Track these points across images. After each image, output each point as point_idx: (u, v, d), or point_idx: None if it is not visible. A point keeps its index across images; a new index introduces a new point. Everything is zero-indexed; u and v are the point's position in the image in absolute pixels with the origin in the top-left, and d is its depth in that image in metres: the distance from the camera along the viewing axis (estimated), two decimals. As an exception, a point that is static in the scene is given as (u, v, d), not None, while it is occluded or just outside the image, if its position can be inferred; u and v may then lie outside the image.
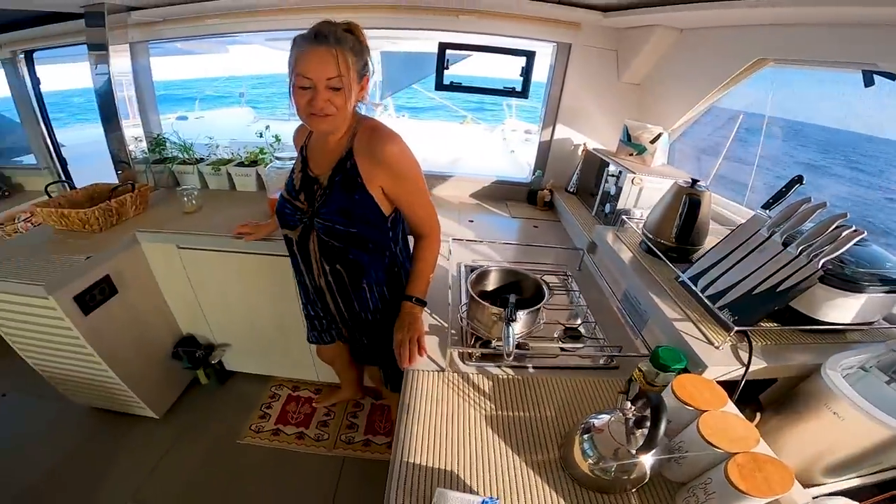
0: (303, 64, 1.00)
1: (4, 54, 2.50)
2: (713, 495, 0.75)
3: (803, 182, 1.13)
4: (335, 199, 1.16)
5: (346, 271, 1.27)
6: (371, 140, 1.13)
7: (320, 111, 1.04)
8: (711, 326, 1.09)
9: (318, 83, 1.01)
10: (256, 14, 2.12)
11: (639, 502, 0.84)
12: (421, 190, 1.23)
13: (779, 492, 0.71)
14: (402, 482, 0.85)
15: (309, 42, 1.00)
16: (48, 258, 1.69)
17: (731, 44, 1.59)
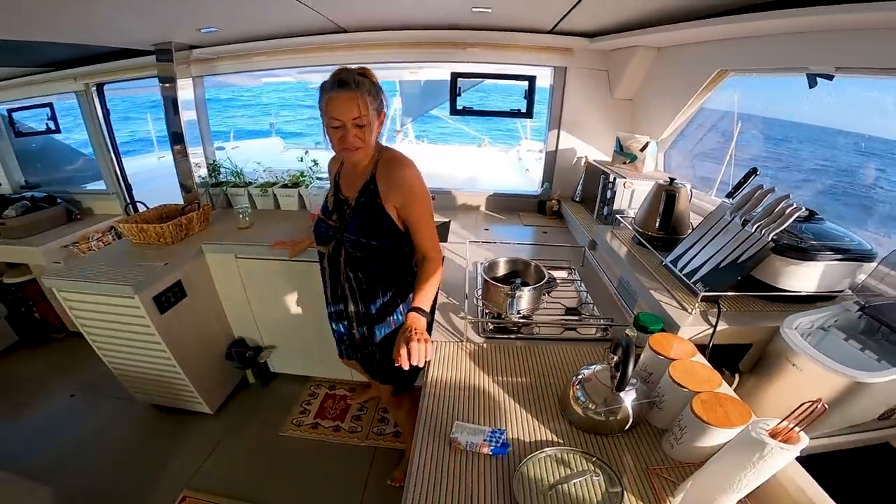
0: (332, 108, 1.20)
1: (79, 87, 2.73)
2: (685, 430, 0.89)
3: (758, 173, 1.31)
4: (359, 217, 1.37)
5: (365, 278, 1.46)
6: (390, 166, 1.34)
7: (351, 146, 1.25)
8: (686, 297, 1.26)
9: (346, 123, 1.21)
10: (295, 52, 2.41)
11: (629, 444, 0.98)
12: (427, 213, 1.36)
13: (738, 424, 0.83)
14: (428, 422, 1.03)
15: (335, 89, 1.19)
16: (131, 265, 1.98)
17: (698, 59, 1.78)
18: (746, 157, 2.06)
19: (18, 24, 1.62)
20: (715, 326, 1.14)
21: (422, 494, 0.86)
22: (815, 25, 1.23)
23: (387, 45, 2.33)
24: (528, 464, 0.91)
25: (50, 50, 2.32)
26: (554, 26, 2.01)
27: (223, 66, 2.55)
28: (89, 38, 2.03)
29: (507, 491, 0.86)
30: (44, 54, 2.46)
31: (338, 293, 1.53)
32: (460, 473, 0.90)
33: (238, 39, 2.28)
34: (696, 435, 0.88)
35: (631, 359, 0.90)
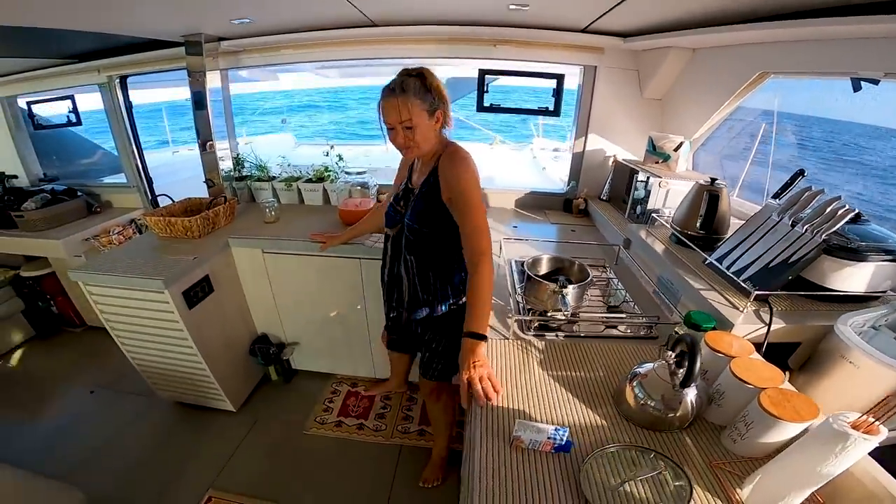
0: (382, 112, 1.31)
1: (102, 79, 2.74)
2: (752, 425, 0.92)
3: (805, 175, 1.33)
4: (417, 205, 1.45)
5: (416, 260, 1.51)
6: (447, 159, 1.38)
7: (402, 145, 1.34)
8: (735, 295, 1.29)
9: (395, 126, 1.30)
10: (322, 45, 2.42)
11: (689, 439, 1.00)
12: (472, 210, 1.33)
13: (807, 418, 0.87)
14: (482, 423, 1.05)
15: (384, 95, 1.30)
16: (159, 259, 1.99)
17: (737, 61, 1.80)
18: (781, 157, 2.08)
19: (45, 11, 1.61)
20: (769, 325, 1.16)
21: (486, 494, 0.87)
22: (865, 32, 1.25)
23: (416, 40, 2.35)
24: (592, 461, 0.93)
25: (74, 41, 2.32)
26: (588, 25, 2.03)
27: (249, 60, 2.56)
28: (118, 27, 2.03)
29: (575, 489, 0.87)
30: (68, 45, 2.45)
31: (394, 272, 1.61)
32: (523, 472, 0.91)
33: (268, 31, 2.29)
34: (763, 430, 0.90)
35: (698, 356, 0.92)
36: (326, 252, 2.11)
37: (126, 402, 2.55)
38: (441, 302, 1.56)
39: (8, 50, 2.34)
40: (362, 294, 2.24)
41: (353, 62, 2.88)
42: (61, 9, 1.61)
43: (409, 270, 1.55)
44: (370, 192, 2.37)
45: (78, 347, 3.07)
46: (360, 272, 2.16)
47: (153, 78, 2.90)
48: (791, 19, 1.36)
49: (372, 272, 2.14)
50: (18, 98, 3.05)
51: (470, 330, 1.23)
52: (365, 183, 2.35)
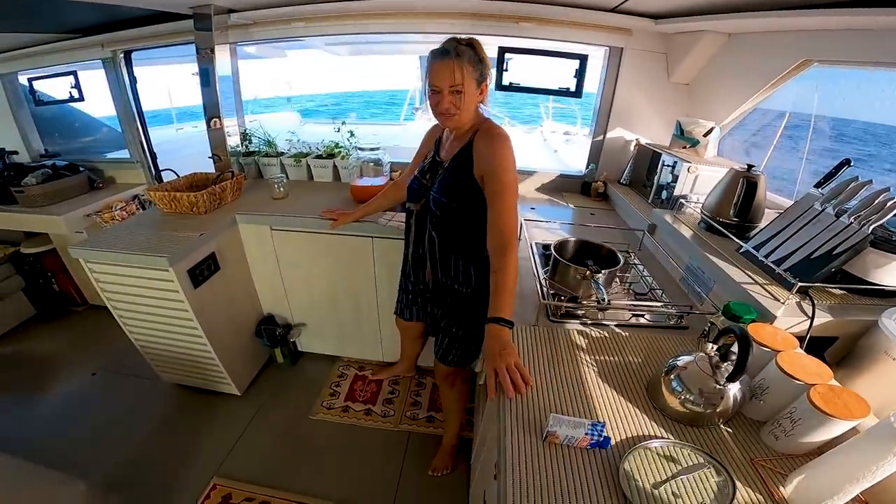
0: (432, 74, 1.28)
1: (105, 54, 2.67)
2: (799, 422, 0.89)
3: (851, 164, 1.28)
4: (446, 179, 1.41)
5: (439, 238, 1.48)
6: (487, 136, 1.36)
7: (446, 112, 1.30)
8: (775, 287, 1.24)
9: (444, 89, 1.27)
10: (340, 18, 2.33)
11: (728, 434, 0.97)
12: (506, 189, 1.31)
13: (858, 416, 0.84)
14: (514, 413, 1.00)
15: (437, 57, 1.27)
16: (163, 236, 1.93)
17: (778, 47, 1.73)
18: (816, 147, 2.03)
19: None
20: (812, 318, 1.12)
21: (521, 491, 0.83)
22: None
23: (436, 14, 2.28)
24: (630, 458, 0.90)
25: (76, 13, 2.24)
26: (618, 5, 1.96)
27: (259, 33, 2.48)
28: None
29: (613, 486, 0.84)
30: (69, 18, 2.38)
31: (418, 252, 1.59)
32: (558, 468, 0.88)
33: (279, 3, 2.21)
34: (811, 427, 0.87)
35: (751, 349, 0.88)
36: (337, 230, 2.07)
37: (128, 384, 2.52)
38: (462, 285, 1.53)
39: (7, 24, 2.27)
40: (374, 274, 2.20)
41: (364, 39, 2.79)
42: None
43: (431, 249, 1.53)
44: (384, 170, 2.31)
45: (79, 327, 3.05)
46: (372, 251, 2.12)
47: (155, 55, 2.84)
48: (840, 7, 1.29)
49: (384, 251, 2.11)
50: (19, 74, 3.00)
51: (497, 315, 1.20)
52: (378, 159, 2.29)
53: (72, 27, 2.57)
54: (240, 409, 2.34)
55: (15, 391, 2.52)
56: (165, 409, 2.37)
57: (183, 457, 2.09)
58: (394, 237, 2.02)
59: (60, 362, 2.72)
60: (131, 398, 2.43)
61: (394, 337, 2.36)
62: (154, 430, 2.24)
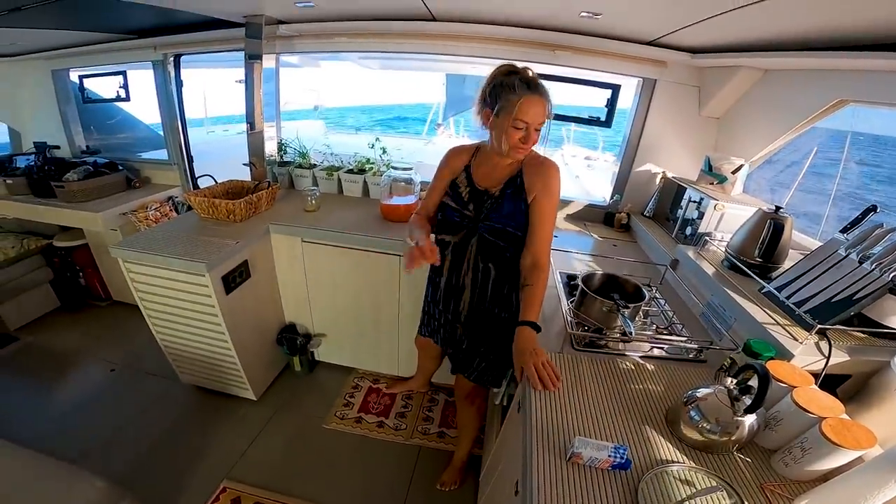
0: (524, 110, 1.31)
1: (157, 56, 2.85)
2: (810, 450, 0.98)
3: (877, 210, 1.36)
4: (506, 207, 1.48)
5: (495, 268, 1.56)
6: (538, 161, 1.47)
7: (527, 147, 1.38)
8: (794, 327, 1.33)
9: (531, 125, 1.34)
10: (381, 36, 2.49)
11: (741, 461, 1.06)
12: (552, 214, 1.47)
13: (866, 447, 0.93)
14: (538, 436, 1.09)
15: (529, 91, 1.31)
16: (200, 241, 2.06)
17: (813, 85, 1.81)
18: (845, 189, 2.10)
19: None
20: (828, 358, 1.20)
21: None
22: None
23: (475, 38, 2.40)
24: (648, 480, 0.98)
25: (133, 16, 2.41)
26: (657, 38, 2.07)
27: (302, 45, 2.65)
28: (184, 4, 2.10)
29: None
30: (126, 20, 2.55)
31: (453, 283, 1.63)
32: (580, 487, 0.96)
33: (326, 18, 2.37)
34: (820, 456, 0.96)
35: (769, 385, 0.97)
36: (366, 247, 2.18)
37: (146, 382, 2.62)
38: (503, 310, 1.61)
39: (68, 22, 2.43)
40: (398, 291, 2.30)
41: (398, 55, 2.95)
42: None
43: (477, 280, 1.58)
44: (414, 189, 2.42)
45: (102, 322, 3.17)
46: (399, 270, 2.22)
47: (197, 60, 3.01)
48: (876, 50, 1.38)
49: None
50: (71, 71, 3.19)
51: (530, 320, 1.35)
52: (410, 179, 2.40)
53: (128, 28, 2.74)
54: (254, 414, 2.43)
55: (34, 381, 2.63)
56: (181, 410, 2.46)
57: (195, 458, 2.17)
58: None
59: (80, 356, 2.84)
60: (148, 396, 2.53)
61: (411, 353, 2.44)
62: (169, 430, 2.33)
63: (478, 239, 1.53)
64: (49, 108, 3.28)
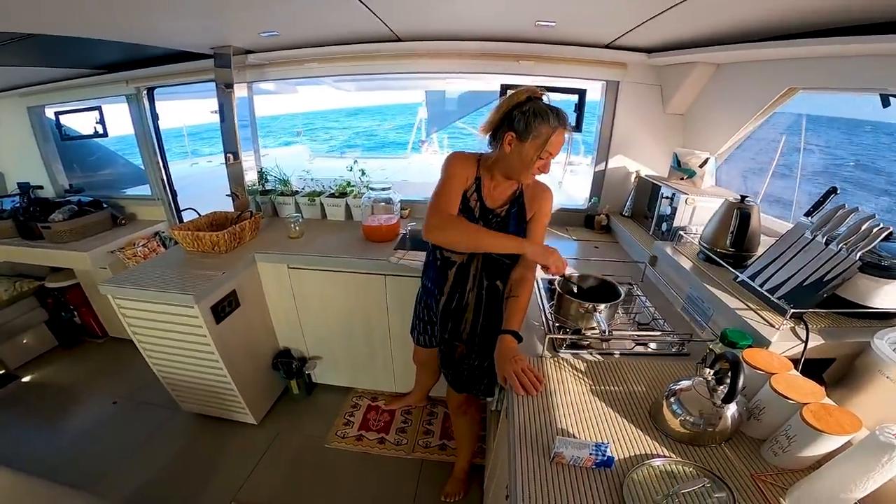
0: (555, 142, 1.33)
1: (130, 90, 2.82)
2: (794, 438, 0.95)
3: (837, 192, 1.37)
4: (513, 226, 1.51)
5: (504, 285, 1.56)
6: (537, 186, 1.53)
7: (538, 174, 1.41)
8: (769, 313, 1.32)
9: (553, 156, 1.37)
10: (351, 59, 2.49)
11: (728, 452, 1.03)
12: (543, 233, 1.55)
13: (850, 431, 0.90)
14: (523, 437, 1.08)
15: (562, 125, 1.32)
16: (188, 274, 2.05)
17: (764, 75, 1.84)
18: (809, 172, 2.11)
19: (75, 21, 1.67)
20: (806, 342, 1.19)
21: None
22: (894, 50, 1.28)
23: (440, 55, 2.41)
24: (634, 476, 0.96)
25: (103, 51, 2.40)
26: (612, 41, 2.09)
27: (274, 73, 2.64)
28: (149, 39, 2.09)
29: (619, 502, 0.90)
30: (97, 56, 2.54)
31: (453, 305, 1.62)
32: (565, 488, 0.94)
33: (293, 45, 2.38)
34: (806, 443, 0.94)
35: (741, 373, 0.96)
36: (351, 269, 2.18)
37: (148, 413, 2.61)
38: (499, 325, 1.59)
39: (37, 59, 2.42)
40: (386, 309, 2.28)
41: (372, 76, 2.96)
42: (91, 19, 1.67)
43: (482, 298, 1.59)
44: (394, 209, 2.41)
45: (100, 358, 3.15)
46: (385, 288, 2.21)
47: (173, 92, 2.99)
48: (819, 36, 1.40)
49: (397, 288, 2.20)
50: (46, 108, 3.16)
51: (513, 329, 1.37)
52: (389, 199, 2.40)
53: (98, 64, 2.73)
54: (256, 438, 2.42)
55: (39, 417, 2.63)
56: (185, 437, 2.45)
57: (202, 482, 2.16)
58: (405, 275, 2.13)
59: (82, 391, 2.83)
60: (152, 426, 2.52)
61: (406, 368, 2.43)
62: (174, 457, 2.32)
63: (483, 257, 1.53)
64: (29, 146, 3.25)
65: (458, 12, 1.82)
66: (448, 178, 1.47)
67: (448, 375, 1.78)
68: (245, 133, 2.59)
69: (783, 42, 1.52)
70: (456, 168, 1.48)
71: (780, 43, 1.53)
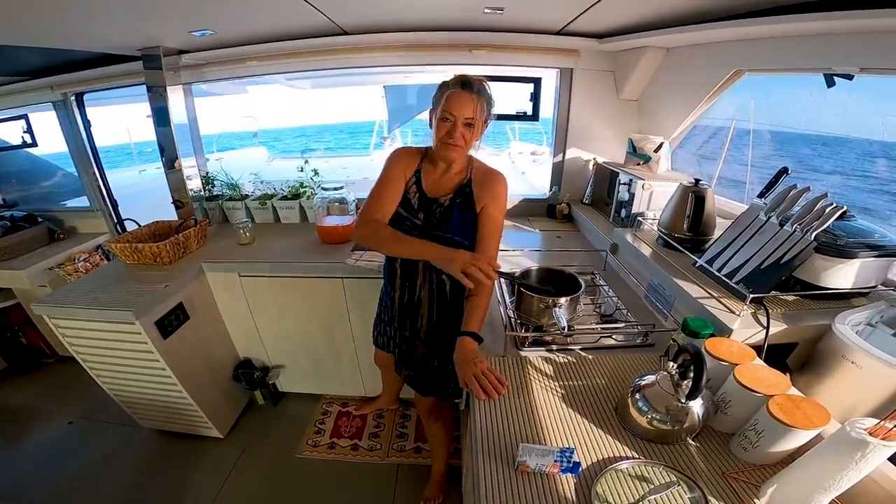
0: (451, 103, 1.28)
1: (56, 96, 2.61)
2: (763, 433, 0.90)
3: (789, 172, 1.34)
4: (456, 216, 1.41)
5: (451, 281, 1.47)
6: (487, 172, 1.45)
7: (455, 141, 1.31)
8: (730, 298, 1.28)
9: (458, 119, 1.29)
10: (290, 56, 2.34)
11: (697, 451, 0.98)
12: (500, 225, 1.45)
13: (819, 424, 0.86)
14: (485, 445, 1.00)
15: (458, 87, 1.28)
16: (128, 289, 1.90)
17: (711, 58, 1.81)
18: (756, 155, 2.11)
19: None
20: (767, 328, 1.15)
21: None
22: (839, 28, 1.26)
23: (389, 47, 2.30)
24: (602, 480, 0.90)
25: (22, 56, 2.19)
26: (563, 27, 2.03)
27: (213, 73, 2.47)
28: (69, 41, 1.93)
29: (588, 511, 0.84)
30: (16, 61, 2.31)
31: (406, 300, 1.54)
32: (533, 497, 0.88)
33: (231, 43, 2.21)
34: (775, 438, 0.89)
35: (704, 367, 0.90)
36: (307, 273, 2.07)
37: (108, 432, 2.46)
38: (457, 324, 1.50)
39: None
40: (347, 312, 2.18)
41: (326, 73, 2.82)
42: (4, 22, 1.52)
43: (434, 293, 1.50)
44: (349, 208, 2.29)
45: (52, 378, 2.96)
46: (343, 291, 2.11)
47: (113, 94, 2.78)
48: (764, 16, 1.36)
49: (355, 290, 2.10)
50: None
51: (472, 330, 1.30)
52: (343, 198, 2.27)
53: (19, 70, 2.51)
54: (224, 452, 2.29)
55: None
56: (148, 455, 2.32)
57: (169, 501, 2.04)
58: (362, 276, 2.03)
59: (36, 412, 2.65)
60: (112, 445, 2.37)
61: (373, 371, 2.34)
62: (137, 476, 2.19)
63: None
64: (-45, 159, 2.98)
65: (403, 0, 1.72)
66: (382, 178, 1.46)
67: (411, 379, 1.69)
68: (185, 137, 2.40)
69: (728, 23, 1.48)
70: (392, 167, 1.47)
71: (724, 24, 1.49)
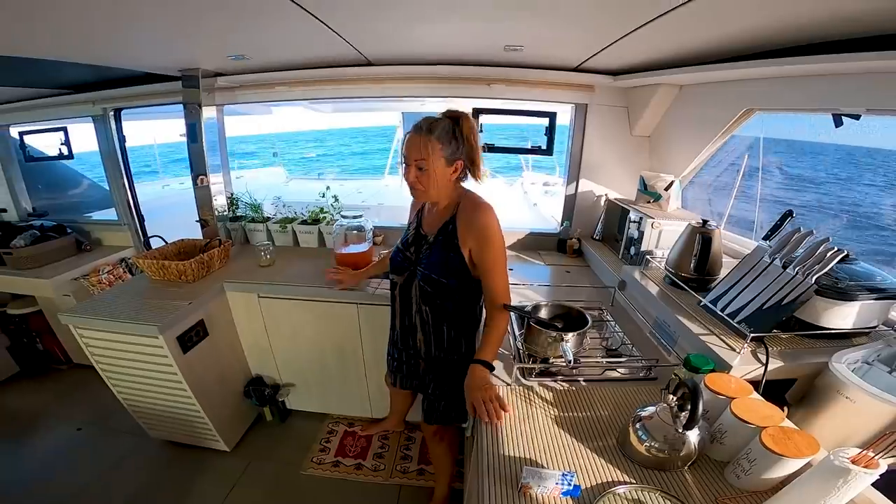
0: (405, 145, 1.35)
1: (97, 111, 2.74)
2: (755, 462, 0.97)
3: (794, 216, 1.41)
4: (435, 254, 1.46)
5: (431, 313, 1.53)
6: (469, 209, 1.42)
7: (412, 184, 1.38)
8: (731, 337, 1.35)
9: (409, 161, 1.35)
10: (319, 83, 2.49)
11: (693, 478, 1.05)
12: (499, 258, 1.41)
13: (809, 454, 0.93)
14: (490, 467, 1.08)
15: (411, 130, 1.35)
16: (153, 303, 2.00)
17: (723, 97, 1.89)
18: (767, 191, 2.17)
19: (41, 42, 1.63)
20: (766, 365, 1.22)
21: None
22: (845, 69, 1.33)
23: (411, 79, 2.43)
24: (601, 503, 0.96)
25: (69, 71, 2.33)
26: (580, 64, 2.14)
27: (244, 96, 2.62)
28: (115, 60, 2.06)
29: (587, 532, 0.91)
30: (62, 76, 2.48)
31: (405, 323, 1.62)
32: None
33: (263, 69, 2.36)
34: (766, 466, 0.96)
35: (700, 399, 0.97)
36: (323, 297, 2.15)
37: (115, 440, 2.53)
38: (453, 354, 1.59)
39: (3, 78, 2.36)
40: (360, 337, 2.26)
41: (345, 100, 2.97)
42: (57, 41, 1.64)
43: (424, 322, 1.56)
44: (367, 236, 2.37)
45: (64, 385, 3.05)
46: (358, 318, 2.19)
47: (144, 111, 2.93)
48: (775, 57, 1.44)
49: (370, 316, 2.18)
50: (11, 127, 3.07)
51: (483, 358, 1.36)
52: (361, 226, 2.35)
53: (63, 84, 2.66)
54: (229, 466, 2.35)
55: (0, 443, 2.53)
56: (154, 464, 2.38)
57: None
58: (379, 304, 2.11)
59: (45, 417, 2.73)
60: (119, 453, 2.44)
61: (381, 394, 2.41)
62: (143, 485, 2.25)
63: (416, 283, 1.52)
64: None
65: (428, 37, 1.83)
66: None
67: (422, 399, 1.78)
68: (214, 156, 2.53)
69: (740, 63, 1.56)
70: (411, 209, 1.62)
71: (737, 64, 1.58)
